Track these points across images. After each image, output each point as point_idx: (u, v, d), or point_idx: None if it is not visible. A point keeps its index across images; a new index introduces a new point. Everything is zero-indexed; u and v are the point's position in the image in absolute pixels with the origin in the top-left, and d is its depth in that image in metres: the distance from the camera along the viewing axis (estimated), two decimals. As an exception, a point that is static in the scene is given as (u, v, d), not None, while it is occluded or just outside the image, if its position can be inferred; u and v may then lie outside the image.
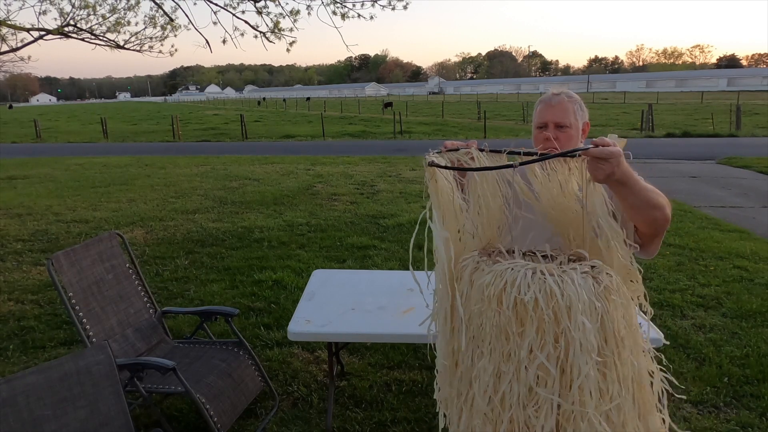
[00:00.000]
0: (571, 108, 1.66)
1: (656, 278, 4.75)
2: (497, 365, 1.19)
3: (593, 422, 1.13)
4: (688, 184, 9.57)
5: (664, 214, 1.39)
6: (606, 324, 1.17)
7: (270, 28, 7.01)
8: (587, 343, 1.13)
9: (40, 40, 6.65)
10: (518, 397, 1.16)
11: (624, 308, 1.23)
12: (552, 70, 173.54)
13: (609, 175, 1.27)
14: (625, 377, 1.19)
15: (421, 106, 47.42)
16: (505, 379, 1.18)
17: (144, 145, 19.01)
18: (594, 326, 1.15)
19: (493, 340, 1.19)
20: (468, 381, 1.26)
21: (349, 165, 12.27)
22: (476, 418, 1.23)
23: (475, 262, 1.30)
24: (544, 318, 1.13)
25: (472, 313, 1.24)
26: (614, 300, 1.20)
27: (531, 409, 1.17)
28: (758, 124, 20.99)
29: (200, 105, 70.58)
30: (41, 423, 1.67)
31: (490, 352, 1.20)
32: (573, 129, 1.65)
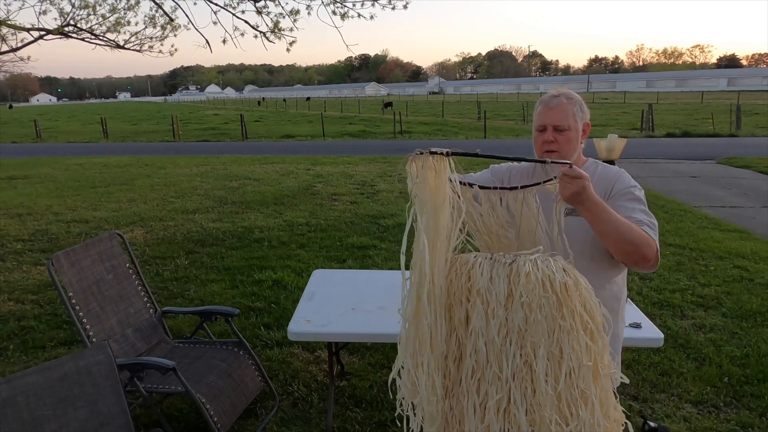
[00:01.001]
0: (571, 110, 1.66)
1: (656, 278, 4.75)
2: (550, 351, 1.27)
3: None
4: (688, 184, 9.57)
5: (639, 252, 1.46)
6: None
7: (270, 28, 7.01)
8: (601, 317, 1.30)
9: (40, 40, 6.65)
10: (574, 380, 1.26)
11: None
12: (552, 70, 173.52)
13: (574, 194, 1.38)
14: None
15: (421, 106, 47.42)
16: (557, 362, 1.26)
17: (144, 145, 19.01)
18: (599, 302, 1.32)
19: (544, 326, 1.25)
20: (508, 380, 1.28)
21: (349, 165, 12.27)
22: (545, 409, 1.25)
23: (488, 257, 1.33)
24: (576, 302, 1.27)
25: (513, 306, 1.26)
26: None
27: (582, 383, 1.26)
28: (758, 124, 20.99)
29: (200, 105, 70.59)
30: (41, 423, 1.67)
31: (543, 338, 1.26)
32: (572, 131, 1.66)
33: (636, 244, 1.45)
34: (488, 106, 34.70)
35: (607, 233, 1.45)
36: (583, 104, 1.70)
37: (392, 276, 3.24)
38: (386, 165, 12.23)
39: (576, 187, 1.37)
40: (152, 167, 12.43)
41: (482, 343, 1.27)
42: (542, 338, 1.23)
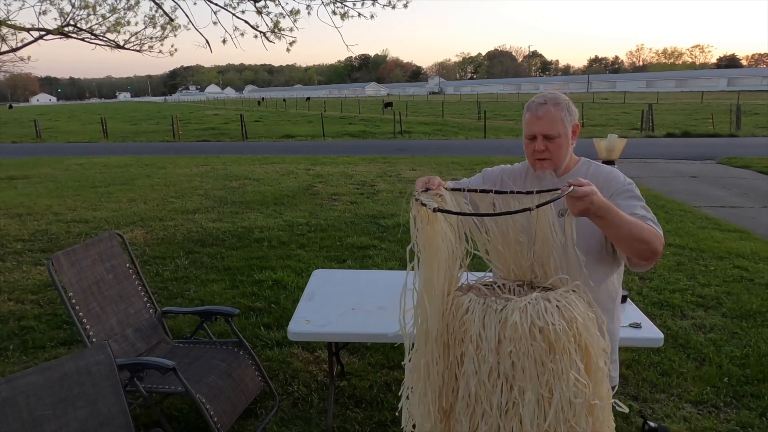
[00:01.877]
0: (559, 116, 1.65)
1: (656, 278, 4.75)
2: (538, 392, 1.26)
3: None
4: (688, 184, 9.57)
5: (651, 248, 1.47)
6: None
7: (270, 28, 7.01)
8: (600, 352, 1.31)
9: (40, 40, 6.65)
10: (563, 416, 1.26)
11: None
12: (552, 70, 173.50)
13: (583, 211, 1.37)
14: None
15: (421, 106, 47.43)
16: (546, 402, 1.26)
17: (144, 145, 19.02)
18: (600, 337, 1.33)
19: (532, 371, 1.25)
20: (496, 417, 1.30)
21: (349, 165, 12.28)
22: None
23: (481, 303, 1.34)
24: (569, 343, 1.25)
25: (502, 352, 1.28)
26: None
27: (572, 418, 1.27)
28: (758, 124, 21.00)
29: (200, 105, 70.59)
30: (41, 423, 1.67)
31: (530, 382, 1.26)
32: (562, 137, 1.66)
33: (647, 240, 1.46)
34: (488, 106, 34.71)
35: (620, 237, 1.45)
36: (571, 106, 1.69)
37: (392, 276, 3.24)
38: (386, 165, 12.23)
39: (585, 204, 1.36)
40: (152, 167, 12.43)
41: (473, 384, 1.31)
42: (529, 383, 1.25)
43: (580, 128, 1.72)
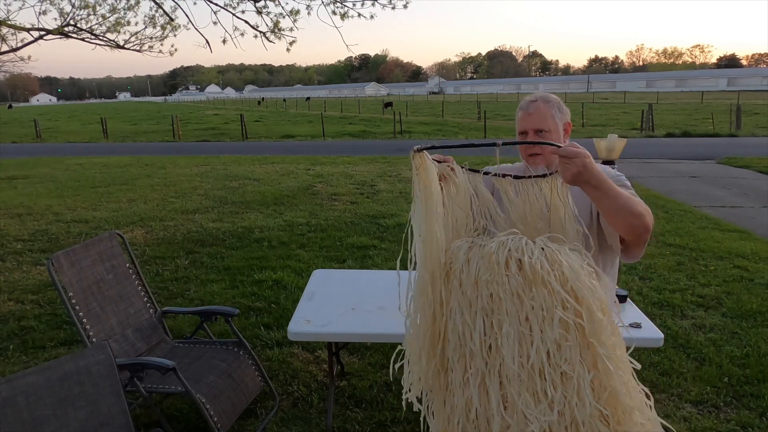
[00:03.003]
0: (549, 112, 1.69)
1: (656, 278, 4.75)
2: (517, 328, 1.24)
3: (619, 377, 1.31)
4: (688, 184, 9.57)
5: (643, 222, 1.44)
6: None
7: (270, 28, 7.02)
8: (598, 302, 1.23)
9: (40, 40, 6.66)
10: (546, 357, 1.21)
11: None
12: (552, 70, 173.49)
13: (575, 175, 1.35)
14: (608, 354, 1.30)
15: (421, 106, 47.43)
16: (527, 340, 1.23)
17: (144, 145, 19.02)
18: (600, 288, 1.27)
19: (509, 304, 1.24)
20: (481, 355, 1.29)
21: (349, 165, 12.27)
22: (512, 386, 1.25)
23: (469, 241, 1.37)
24: (551, 280, 1.21)
25: (480, 285, 1.28)
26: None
27: (565, 364, 1.22)
28: (758, 124, 20.99)
29: (200, 105, 70.59)
30: (41, 423, 1.67)
31: (507, 316, 1.24)
32: (552, 133, 1.70)
33: (640, 214, 1.44)
34: (488, 106, 34.71)
35: (615, 208, 1.41)
36: (562, 105, 1.73)
37: (392, 276, 3.24)
38: (386, 165, 12.23)
39: (576, 167, 1.34)
40: (152, 167, 12.43)
41: (459, 322, 1.30)
42: (506, 317, 1.23)
43: (572, 127, 1.73)
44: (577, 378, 1.22)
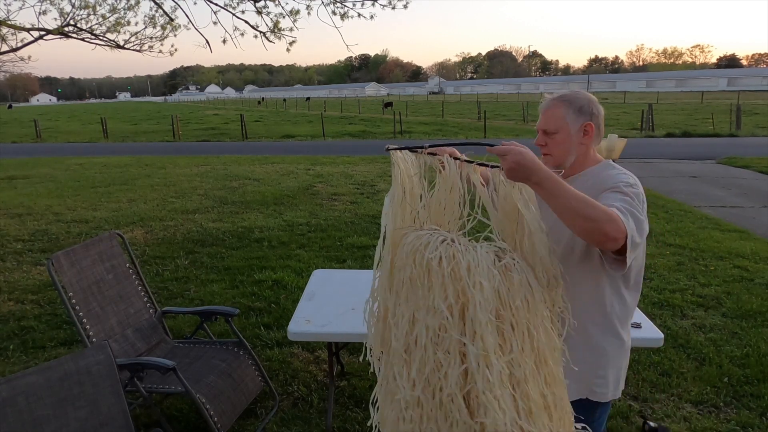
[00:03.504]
0: (560, 113, 1.63)
1: (656, 278, 4.75)
2: (412, 312, 1.39)
3: (495, 368, 1.32)
4: (688, 184, 9.57)
5: (598, 227, 1.33)
6: (502, 294, 1.35)
7: (270, 28, 7.02)
8: (484, 301, 1.32)
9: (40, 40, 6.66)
10: (429, 339, 1.37)
11: (526, 290, 1.39)
12: (552, 70, 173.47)
13: (509, 171, 1.34)
14: (523, 343, 1.38)
15: (421, 106, 47.42)
16: (418, 323, 1.37)
17: (144, 145, 19.02)
18: (491, 288, 1.34)
19: (408, 290, 1.41)
20: (389, 328, 1.48)
21: (349, 165, 12.28)
22: (394, 358, 1.43)
23: (414, 230, 1.50)
24: (444, 274, 1.35)
25: (397, 269, 1.47)
26: (513, 277, 1.37)
27: (441, 352, 1.35)
28: (758, 124, 21.00)
29: (200, 105, 70.58)
30: (41, 423, 1.67)
31: (406, 301, 1.41)
32: (561, 134, 1.64)
33: (594, 219, 1.32)
34: (488, 106, 34.71)
35: (561, 209, 1.35)
36: (586, 105, 1.65)
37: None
38: (386, 165, 12.22)
39: (508, 164, 1.32)
40: (152, 167, 12.43)
41: (390, 303, 1.51)
42: (404, 303, 1.42)
43: (594, 128, 1.65)
44: (446, 366, 1.34)
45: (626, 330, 1.70)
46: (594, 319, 1.63)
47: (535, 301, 1.40)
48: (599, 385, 1.67)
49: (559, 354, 1.47)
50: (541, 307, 1.42)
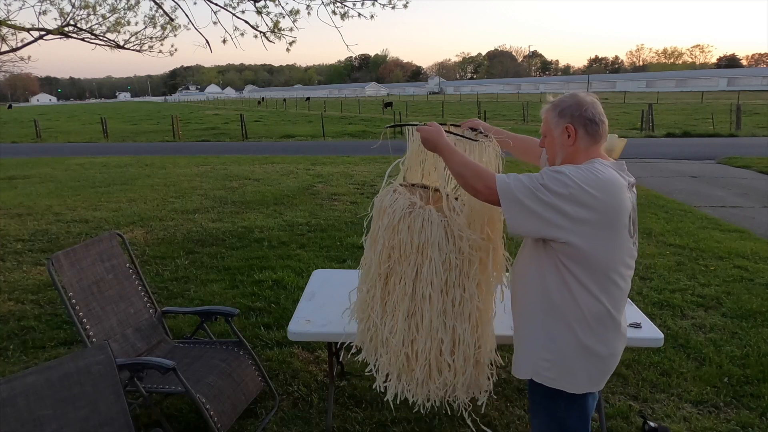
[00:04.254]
0: (547, 117, 1.76)
1: (656, 278, 4.75)
2: (389, 251, 2.00)
3: (437, 317, 1.92)
4: (688, 184, 9.57)
5: (468, 183, 1.72)
6: (441, 244, 1.89)
7: (270, 28, 7.01)
8: (437, 251, 1.88)
9: (40, 40, 6.65)
10: (399, 277, 1.98)
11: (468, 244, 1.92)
12: (552, 70, 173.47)
13: (423, 142, 1.90)
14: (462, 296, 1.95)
15: (422, 106, 47.41)
16: (392, 257, 1.99)
17: (144, 145, 19.02)
18: (442, 238, 1.89)
19: (386, 234, 1.98)
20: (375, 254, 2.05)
21: (349, 165, 12.28)
22: (372, 281, 2.08)
23: (395, 192, 2.07)
24: (405, 228, 1.92)
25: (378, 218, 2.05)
26: (461, 236, 1.90)
27: (399, 284, 1.98)
28: (758, 124, 21.00)
29: (200, 105, 70.59)
30: (41, 423, 1.67)
31: (383, 241, 2.00)
32: (549, 137, 1.77)
33: (465, 176, 1.72)
34: (488, 106, 34.72)
35: (451, 171, 1.80)
36: (568, 107, 1.71)
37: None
38: (386, 165, 12.20)
39: (421, 138, 1.90)
40: (152, 167, 12.43)
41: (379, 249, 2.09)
42: (384, 246, 2.01)
43: (575, 130, 1.69)
44: (402, 293, 2.00)
45: (595, 337, 1.67)
46: (539, 304, 1.72)
47: (486, 261, 1.99)
48: (545, 368, 1.71)
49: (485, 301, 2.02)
50: (488, 268, 2.00)
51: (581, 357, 1.69)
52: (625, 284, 1.70)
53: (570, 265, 1.63)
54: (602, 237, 1.60)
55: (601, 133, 1.73)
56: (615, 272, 1.65)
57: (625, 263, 1.67)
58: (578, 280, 1.64)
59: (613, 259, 1.63)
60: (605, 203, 1.58)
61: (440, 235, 1.85)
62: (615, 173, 1.65)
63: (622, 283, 1.68)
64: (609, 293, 1.66)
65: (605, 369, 1.73)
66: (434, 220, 1.86)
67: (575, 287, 1.65)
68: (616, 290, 1.67)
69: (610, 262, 1.63)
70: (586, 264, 1.62)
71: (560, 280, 1.66)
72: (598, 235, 1.59)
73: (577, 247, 1.59)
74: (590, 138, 1.71)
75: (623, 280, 1.68)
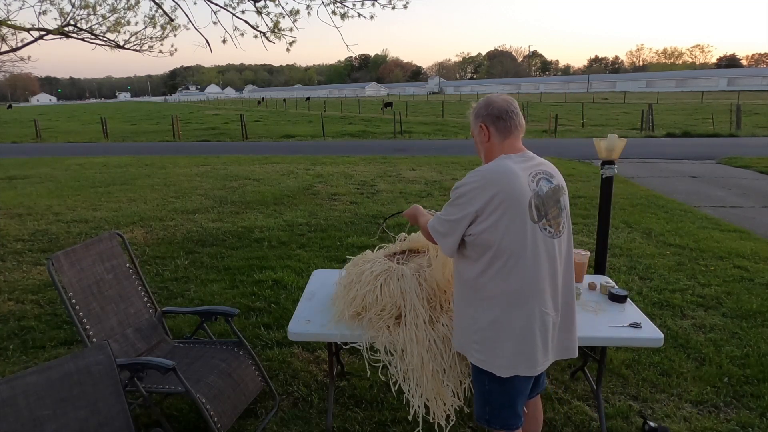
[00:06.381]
0: (470, 121, 2.00)
1: (656, 278, 4.75)
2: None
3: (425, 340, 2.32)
4: (688, 184, 9.57)
5: (430, 239, 2.05)
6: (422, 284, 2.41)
7: (270, 28, 6.99)
8: (416, 309, 2.36)
9: (40, 40, 6.64)
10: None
11: (438, 284, 2.45)
12: (552, 70, 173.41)
13: (408, 218, 2.36)
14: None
15: (421, 105, 47.43)
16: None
17: (144, 145, 19.01)
18: (420, 299, 2.38)
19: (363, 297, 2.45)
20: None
21: (349, 165, 12.28)
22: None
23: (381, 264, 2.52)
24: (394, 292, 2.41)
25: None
26: (429, 279, 2.44)
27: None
28: (758, 124, 21.00)
29: (200, 105, 70.57)
30: (41, 423, 1.67)
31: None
32: (474, 138, 2.00)
33: (427, 236, 2.10)
34: (488, 106, 34.60)
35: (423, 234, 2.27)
36: (480, 108, 1.93)
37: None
38: (386, 165, 12.22)
39: (407, 216, 2.36)
40: (152, 167, 12.43)
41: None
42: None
43: (486, 128, 1.91)
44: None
45: (478, 302, 1.90)
46: (464, 292, 1.96)
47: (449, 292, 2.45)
48: (476, 351, 1.95)
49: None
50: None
51: (479, 333, 2.03)
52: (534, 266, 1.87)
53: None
54: (501, 222, 1.79)
55: (511, 127, 1.89)
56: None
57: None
58: (464, 255, 1.93)
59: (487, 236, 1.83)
60: (467, 196, 1.82)
61: (414, 285, 2.37)
62: (510, 164, 1.83)
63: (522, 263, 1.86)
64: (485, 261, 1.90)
65: None
66: (407, 274, 2.39)
67: (464, 264, 1.96)
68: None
69: (486, 239, 1.83)
70: (471, 244, 1.88)
71: (465, 264, 1.95)
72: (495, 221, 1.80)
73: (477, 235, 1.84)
74: (501, 133, 1.90)
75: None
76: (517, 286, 1.81)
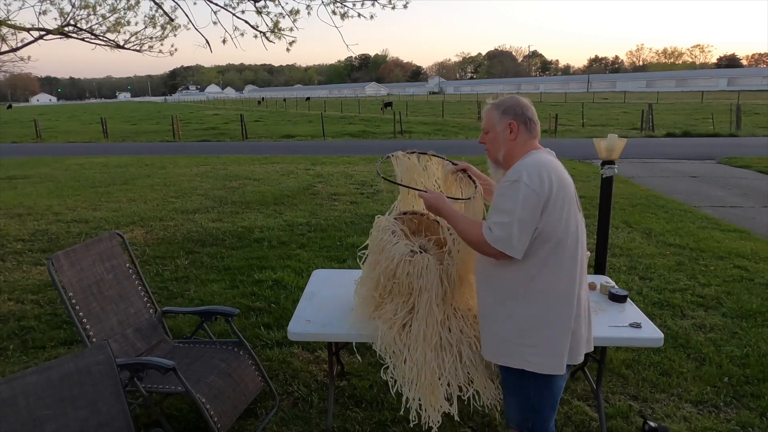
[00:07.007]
0: (490, 115, 2.00)
1: (656, 278, 4.75)
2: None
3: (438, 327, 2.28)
4: (688, 184, 9.57)
5: (465, 238, 1.97)
6: (444, 282, 2.26)
7: (270, 28, 6.99)
8: (433, 295, 2.24)
9: (40, 40, 6.63)
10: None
11: (460, 277, 2.34)
12: (552, 70, 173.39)
13: (428, 209, 2.18)
14: (462, 308, 2.37)
15: (421, 105, 47.42)
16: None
17: (144, 145, 19.01)
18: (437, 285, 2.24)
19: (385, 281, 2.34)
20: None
21: (349, 165, 12.28)
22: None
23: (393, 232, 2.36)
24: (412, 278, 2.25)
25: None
26: (450, 270, 2.28)
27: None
28: (758, 123, 21.00)
29: (200, 105, 70.56)
30: (41, 423, 1.67)
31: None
32: (492, 133, 2.01)
33: (462, 231, 1.99)
34: (488, 106, 34.61)
35: (455, 230, 2.08)
36: (510, 107, 1.96)
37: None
38: (386, 165, 12.20)
39: (426, 205, 2.15)
40: (152, 167, 12.43)
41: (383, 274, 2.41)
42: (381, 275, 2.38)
43: (517, 126, 1.94)
44: None
45: (526, 301, 1.87)
46: (510, 292, 1.91)
47: (470, 284, 2.38)
48: (531, 353, 1.91)
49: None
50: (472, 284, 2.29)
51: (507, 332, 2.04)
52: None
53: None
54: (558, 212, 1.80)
55: (538, 129, 1.99)
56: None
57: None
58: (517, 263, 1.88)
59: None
60: (556, 183, 1.80)
61: (436, 281, 2.21)
62: (550, 157, 1.90)
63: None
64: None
65: None
66: (432, 268, 2.20)
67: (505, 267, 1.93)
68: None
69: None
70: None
71: (514, 265, 1.89)
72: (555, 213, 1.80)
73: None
74: (529, 133, 1.96)
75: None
76: (568, 276, 1.83)
